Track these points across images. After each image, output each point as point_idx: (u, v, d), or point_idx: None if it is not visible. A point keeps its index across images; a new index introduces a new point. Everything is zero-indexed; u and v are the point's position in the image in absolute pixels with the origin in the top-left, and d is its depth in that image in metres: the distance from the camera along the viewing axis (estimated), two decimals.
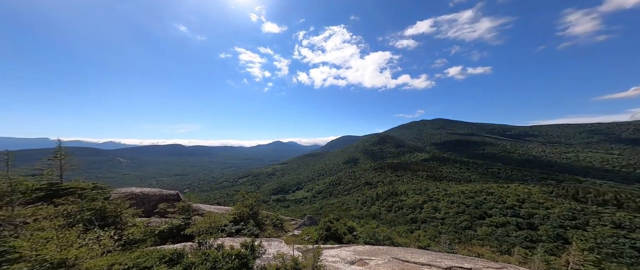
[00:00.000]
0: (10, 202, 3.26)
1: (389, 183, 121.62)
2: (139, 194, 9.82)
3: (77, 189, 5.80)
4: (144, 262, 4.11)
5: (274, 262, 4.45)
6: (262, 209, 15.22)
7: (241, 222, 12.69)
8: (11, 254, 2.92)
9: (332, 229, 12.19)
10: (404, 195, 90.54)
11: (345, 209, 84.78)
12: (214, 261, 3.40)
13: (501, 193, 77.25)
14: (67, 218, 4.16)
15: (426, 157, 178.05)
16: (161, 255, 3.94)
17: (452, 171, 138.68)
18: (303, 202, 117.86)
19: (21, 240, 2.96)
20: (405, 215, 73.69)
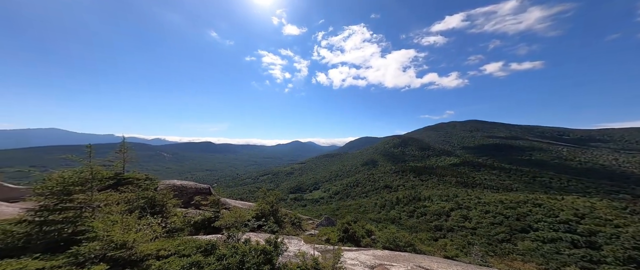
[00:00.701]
0: (90, 188, 3.98)
1: (410, 187, 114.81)
2: (179, 186, 11.04)
3: (134, 179, 6.79)
4: (184, 250, 4.60)
5: (295, 261, 4.61)
6: (281, 207, 15.76)
7: (262, 218, 13.29)
8: (90, 233, 3.58)
9: (349, 231, 12.03)
10: (427, 200, 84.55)
11: (363, 212, 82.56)
12: (242, 255, 3.68)
13: (553, 205, 66.69)
14: (128, 204, 4.90)
15: (456, 161, 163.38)
16: (198, 245, 4.40)
17: (489, 178, 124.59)
18: (320, 202, 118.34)
19: (97, 222, 3.59)
20: (429, 222, 68.69)
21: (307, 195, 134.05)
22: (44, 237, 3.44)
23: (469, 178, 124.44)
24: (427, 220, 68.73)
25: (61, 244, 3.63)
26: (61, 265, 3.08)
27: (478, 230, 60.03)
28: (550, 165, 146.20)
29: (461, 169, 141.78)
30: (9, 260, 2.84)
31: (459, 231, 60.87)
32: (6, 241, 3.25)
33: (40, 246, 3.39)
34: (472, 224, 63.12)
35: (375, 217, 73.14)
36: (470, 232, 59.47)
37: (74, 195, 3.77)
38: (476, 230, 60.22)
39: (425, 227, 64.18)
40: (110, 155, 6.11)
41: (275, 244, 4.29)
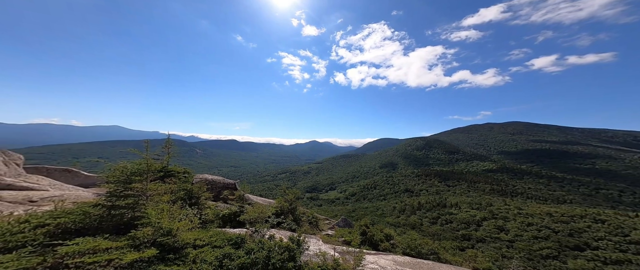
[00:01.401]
0: (146, 178, 4.61)
1: (435, 192, 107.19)
2: (211, 180, 12.09)
3: (176, 172, 7.65)
4: (216, 241, 5.04)
5: (316, 260, 4.70)
6: (299, 205, 16.09)
7: (281, 215, 13.71)
8: (144, 219, 4.15)
9: (367, 233, 11.76)
10: (455, 207, 78.04)
11: (380, 215, 79.70)
12: (268, 250, 3.89)
13: (622, 223, 56.07)
14: (172, 195, 5.56)
15: (491, 167, 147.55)
16: (228, 238, 4.79)
17: (534, 187, 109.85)
18: (335, 203, 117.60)
19: (150, 209, 4.15)
20: (455, 230, 63.36)
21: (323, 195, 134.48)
22: (111, 219, 4.12)
23: (507, 186, 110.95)
24: (453, 229, 63.39)
25: (122, 227, 4.30)
26: (123, 247, 3.65)
27: (516, 243, 53.32)
28: (621, 176, 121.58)
29: (498, 176, 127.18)
30: (87, 238, 3.47)
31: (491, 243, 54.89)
32: (85, 221, 3.98)
33: (109, 227, 4.07)
34: (509, 236, 56.31)
35: (393, 221, 70.05)
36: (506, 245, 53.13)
37: (134, 184, 4.44)
38: (514, 243, 53.57)
39: (451, 235, 59.28)
40: (157, 150, 6.97)
41: (298, 243, 4.44)
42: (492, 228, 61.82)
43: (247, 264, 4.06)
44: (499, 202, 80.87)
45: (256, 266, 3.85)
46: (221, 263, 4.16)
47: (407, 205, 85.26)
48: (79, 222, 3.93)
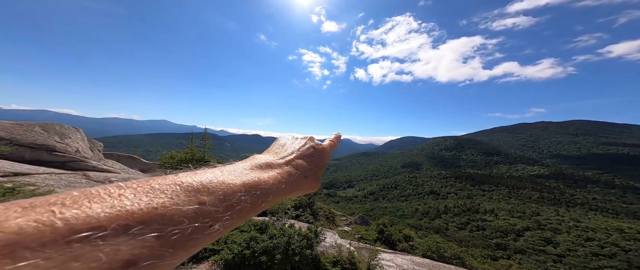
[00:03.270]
0: (189, 166, 5.49)
1: (466, 197, 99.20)
2: None
3: (211, 161, 8.73)
4: (243, 226, 5.71)
5: (332, 251, 5.05)
6: (317, 200, 16.67)
7: (300, 208, 14.38)
8: None
9: (385, 232, 11.71)
10: (490, 214, 71.35)
11: (400, 216, 77.01)
12: (288, 237, 4.35)
13: None
14: None
15: (542, 172, 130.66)
16: (254, 223, 5.42)
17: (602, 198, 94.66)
18: (353, 201, 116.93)
19: None
20: (487, 238, 58.17)
21: (341, 192, 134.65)
22: None
23: (562, 195, 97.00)
24: (486, 236, 58.00)
25: None
26: None
27: (567, 258, 46.60)
28: None
29: (550, 183, 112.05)
30: None
31: (533, 255, 48.95)
32: None
33: None
34: (558, 249, 49.44)
35: (415, 223, 67.03)
36: (553, 259, 46.79)
37: (181, 170, 5.33)
38: (564, 257, 46.91)
39: (482, 243, 54.47)
40: (196, 142, 8.02)
41: (316, 233, 4.83)
42: (537, 239, 55.21)
43: (270, 247, 4.60)
44: (549, 212, 71.30)
45: (278, 250, 4.35)
46: (248, 244, 4.78)
47: (432, 208, 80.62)
48: None
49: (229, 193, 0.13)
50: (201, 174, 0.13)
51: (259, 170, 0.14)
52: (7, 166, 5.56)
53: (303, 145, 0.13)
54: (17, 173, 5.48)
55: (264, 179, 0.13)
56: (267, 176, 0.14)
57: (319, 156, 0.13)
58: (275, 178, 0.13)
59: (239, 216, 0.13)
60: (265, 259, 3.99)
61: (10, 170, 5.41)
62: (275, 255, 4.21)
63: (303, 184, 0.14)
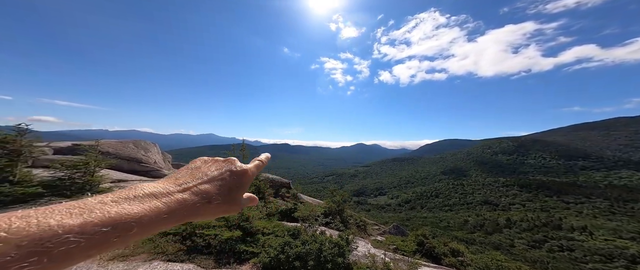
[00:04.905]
0: None
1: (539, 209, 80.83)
2: (271, 179, 14.20)
3: None
4: (278, 231, 5.97)
5: (365, 261, 4.78)
6: (347, 208, 16.15)
7: (329, 216, 14.13)
8: None
9: (425, 244, 10.40)
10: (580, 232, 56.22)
11: (444, 227, 67.43)
12: (320, 243, 4.35)
13: None
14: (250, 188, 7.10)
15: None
16: (287, 229, 5.63)
17: None
18: (386, 209, 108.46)
19: None
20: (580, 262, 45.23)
21: (372, 200, 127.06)
22: None
23: None
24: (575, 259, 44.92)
25: None
26: (221, 226, 5.02)
27: None
28: None
29: None
30: None
31: None
32: None
33: None
34: None
35: (464, 236, 57.34)
36: None
37: None
38: None
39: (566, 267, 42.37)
40: (236, 153, 8.97)
41: (347, 240, 4.69)
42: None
43: (302, 252, 4.68)
44: None
45: (310, 256, 4.38)
46: (283, 249, 4.97)
47: (488, 221, 68.12)
48: None
49: (43, 237, 0.12)
50: (15, 218, 0.11)
51: (127, 202, 0.13)
52: (114, 175, 7.42)
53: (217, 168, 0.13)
54: (119, 179, 7.18)
55: (131, 212, 0.12)
56: (139, 208, 0.13)
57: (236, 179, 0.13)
58: (153, 209, 0.12)
59: (63, 259, 0.12)
60: (299, 264, 4.07)
61: (116, 178, 7.18)
62: (308, 262, 4.25)
63: (207, 209, 0.13)
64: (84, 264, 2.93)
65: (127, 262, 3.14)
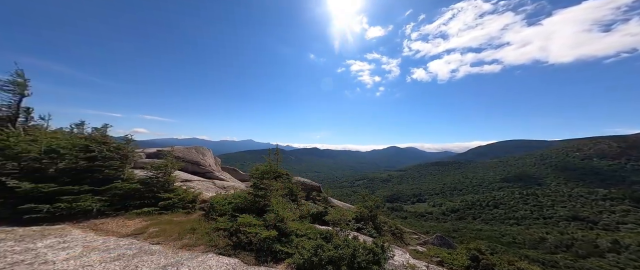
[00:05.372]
0: (270, 177, 6.63)
1: None
2: (302, 182, 14.69)
3: (282, 173, 10.17)
4: (310, 234, 6.07)
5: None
6: (380, 214, 15.17)
7: (361, 221, 13.54)
8: (270, 207, 5.91)
9: (482, 261, 8.75)
10: None
11: (509, 244, 55.74)
12: (353, 249, 4.20)
13: None
14: (282, 191, 7.50)
15: None
16: (320, 232, 5.66)
17: None
18: (426, 218, 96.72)
19: (273, 200, 5.88)
20: None
21: (409, 207, 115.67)
22: (255, 205, 6.33)
23: None
24: None
25: (259, 211, 6.43)
26: (260, 225, 5.45)
27: None
28: None
29: None
30: (246, 215, 5.55)
31: None
32: (245, 203, 6.42)
33: (254, 210, 6.26)
34: None
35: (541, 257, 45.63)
36: None
37: (264, 180, 6.60)
38: None
39: None
40: (270, 157, 9.63)
41: (383, 248, 4.40)
42: None
43: (335, 257, 4.60)
44: None
45: (343, 261, 4.27)
46: (316, 252, 5.01)
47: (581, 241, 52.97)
48: (242, 204, 6.39)
49: None
50: None
51: None
52: (182, 175, 9.04)
53: None
54: (186, 180, 8.67)
55: None
56: None
57: None
58: None
59: None
60: (332, 268, 4.02)
61: (183, 178, 8.70)
62: (340, 266, 4.15)
63: None
64: (162, 249, 3.65)
65: (191, 251, 3.76)
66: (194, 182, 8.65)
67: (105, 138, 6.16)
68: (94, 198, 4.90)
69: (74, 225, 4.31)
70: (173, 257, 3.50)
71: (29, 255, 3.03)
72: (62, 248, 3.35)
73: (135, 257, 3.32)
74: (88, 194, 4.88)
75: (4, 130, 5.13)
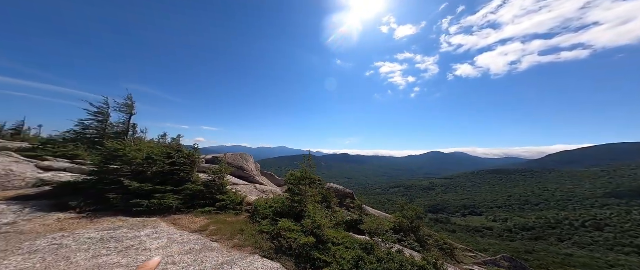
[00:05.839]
0: (304, 183, 6.78)
1: None
2: (335, 188, 14.51)
3: (315, 179, 10.29)
4: (347, 243, 5.78)
5: None
6: (422, 225, 13.38)
7: (400, 232, 12.24)
8: (306, 213, 5.99)
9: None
10: None
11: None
12: (400, 263, 3.77)
13: None
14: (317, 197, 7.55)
15: None
16: (358, 242, 5.35)
17: None
18: (484, 234, 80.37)
19: (310, 206, 5.95)
20: None
21: (458, 220, 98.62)
22: (292, 210, 6.57)
23: None
24: None
25: (296, 216, 6.62)
26: (298, 231, 5.55)
27: None
28: None
29: None
30: (285, 220, 5.78)
31: None
32: (283, 208, 6.74)
33: (292, 215, 6.49)
34: None
35: None
36: None
37: (299, 186, 6.81)
38: None
39: None
40: (303, 163, 9.88)
41: (435, 265, 3.80)
42: None
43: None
44: None
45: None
46: (357, 264, 4.72)
47: None
48: (281, 208, 6.73)
49: None
50: None
51: None
52: (231, 179, 10.28)
53: None
54: (234, 184, 9.78)
55: None
56: None
57: None
58: None
59: None
60: None
61: (232, 182, 9.85)
62: None
63: None
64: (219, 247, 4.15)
65: (241, 251, 4.14)
66: (240, 186, 9.67)
67: (179, 147, 7.66)
68: (174, 197, 6.05)
69: (162, 219, 5.40)
70: (227, 256, 3.91)
71: (136, 241, 3.93)
72: (155, 238, 4.22)
73: (201, 253, 3.86)
74: (170, 193, 6.08)
75: (122, 142, 7.01)
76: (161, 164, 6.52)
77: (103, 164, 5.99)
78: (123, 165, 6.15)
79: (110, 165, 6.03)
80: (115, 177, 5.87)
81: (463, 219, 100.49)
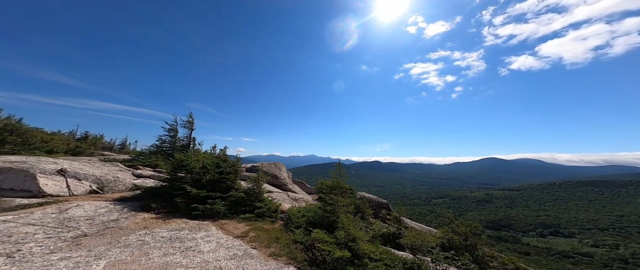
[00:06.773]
0: (336, 192, 6.49)
1: None
2: (368, 198, 13.51)
3: (346, 188, 9.81)
4: (386, 259, 5.06)
5: None
6: (480, 244, 10.84)
7: (451, 250, 10.17)
8: (339, 223, 5.62)
9: None
10: None
11: None
12: None
13: None
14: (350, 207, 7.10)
15: None
16: (402, 261, 4.63)
17: None
18: (571, 258, 60.31)
19: (343, 216, 5.59)
20: None
21: (531, 240, 76.91)
22: (324, 220, 6.34)
23: None
24: None
25: (329, 227, 6.32)
26: (332, 243, 5.23)
27: None
28: None
29: None
30: (318, 230, 5.57)
31: None
32: (315, 217, 6.59)
33: (324, 225, 6.24)
34: None
35: None
36: None
37: (330, 195, 6.57)
38: None
39: None
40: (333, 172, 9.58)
41: None
42: None
43: None
44: None
45: None
46: None
47: None
48: (313, 218, 6.58)
49: None
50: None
51: None
52: (267, 188, 10.85)
53: None
54: (269, 191, 10.28)
55: None
56: None
57: None
58: None
59: None
60: None
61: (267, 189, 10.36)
62: None
63: None
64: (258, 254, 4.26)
65: (276, 261, 4.13)
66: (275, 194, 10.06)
67: (225, 157, 8.65)
68: (221, 203, 6.74)
69: (212, 223, 6.03)
70: (265, 264, 3.95)
71: (193, 243, 4.45)
72: (207, 241, 4.68)
73: (242, 259, 4.02)
74: (219, 199, 6.82)
75: (185, 153, 8.40)
76: (212, 173, 7.44)
77: (172, 172, 7.26)
78: (186, 173, 7.30)
79: (178, 173, 7.25)
80: (181, 184, 6.99)
81: (541, 240, 77.70)
